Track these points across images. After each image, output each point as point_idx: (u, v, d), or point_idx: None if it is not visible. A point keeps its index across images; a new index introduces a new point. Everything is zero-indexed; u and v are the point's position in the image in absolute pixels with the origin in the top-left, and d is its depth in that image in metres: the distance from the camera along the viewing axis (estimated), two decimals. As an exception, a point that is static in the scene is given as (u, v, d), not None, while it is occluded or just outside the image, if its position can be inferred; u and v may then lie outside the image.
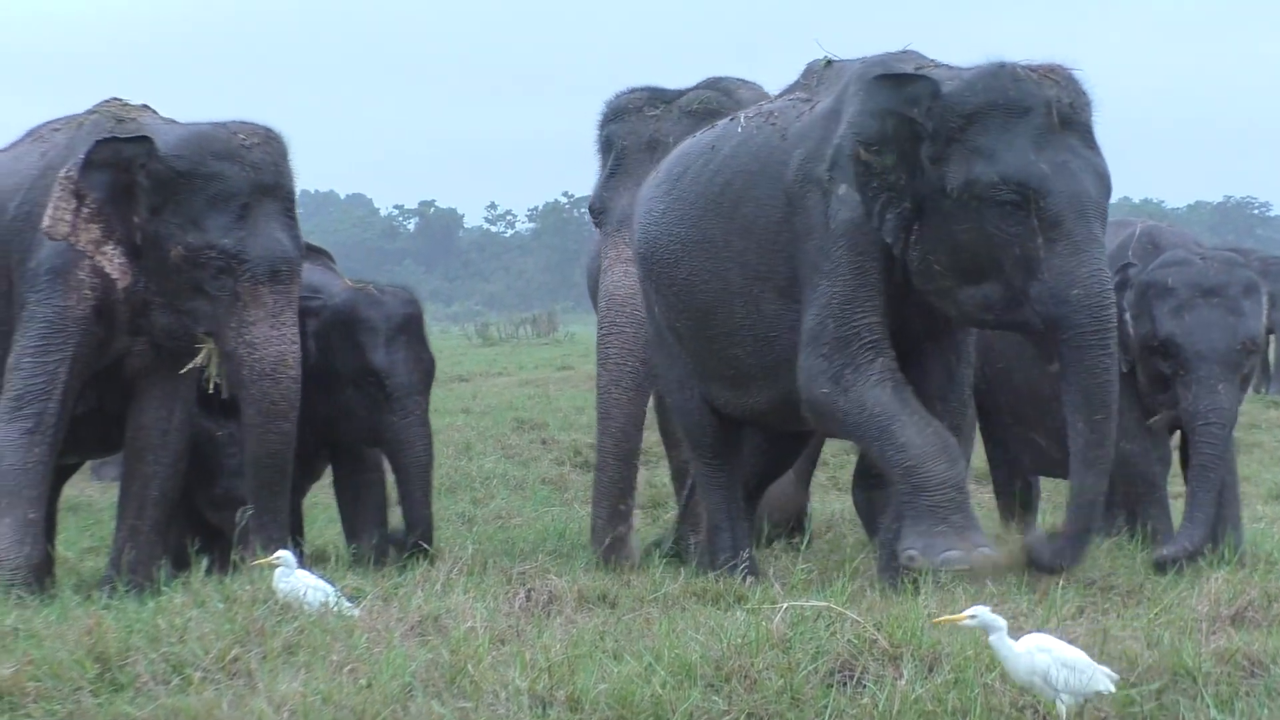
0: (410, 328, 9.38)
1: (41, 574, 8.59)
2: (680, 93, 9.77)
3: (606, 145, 9.82)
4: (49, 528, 9.72)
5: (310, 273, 9.69)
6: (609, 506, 9.20)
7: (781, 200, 8.00)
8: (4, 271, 8.93)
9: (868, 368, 7.75)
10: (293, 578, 7.16)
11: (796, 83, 8.57)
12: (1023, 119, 7.54)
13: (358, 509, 9.66)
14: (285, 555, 7.32)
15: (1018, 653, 5.53)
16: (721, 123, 8.62)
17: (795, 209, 7.93)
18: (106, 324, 8.77)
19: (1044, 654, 5.50)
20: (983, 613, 5.60)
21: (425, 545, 8.96)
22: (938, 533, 7.50)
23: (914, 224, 7.63)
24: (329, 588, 7.17)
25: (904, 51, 8.20)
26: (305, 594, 7.04)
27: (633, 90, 9.88)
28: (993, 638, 5.57)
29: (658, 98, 9.77)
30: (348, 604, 7.08)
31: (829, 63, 8.38)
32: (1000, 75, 7.61)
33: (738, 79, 10.06)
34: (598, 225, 9.75)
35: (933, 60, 8.08)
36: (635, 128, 9.69)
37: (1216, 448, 8.43)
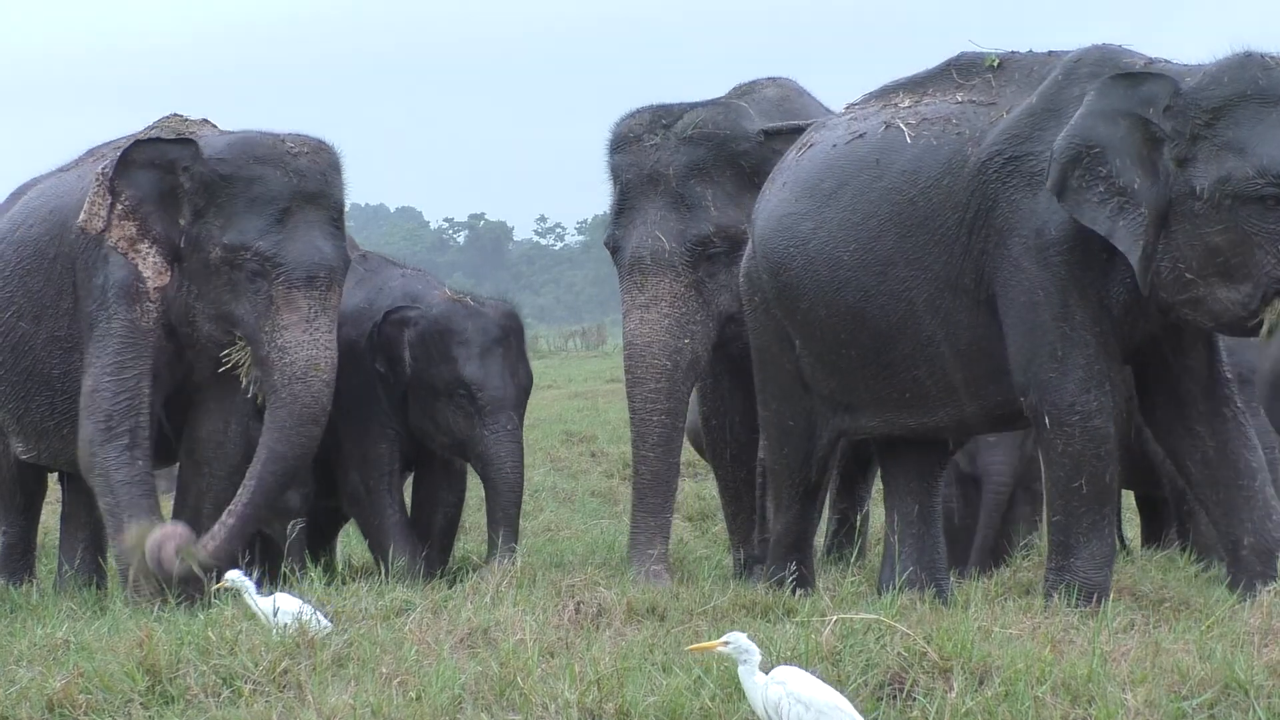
0: (507, 342, 9.38)
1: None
2: (678, 114, 9.29)
3: (613, 176, 9.42)
4: (99, 540, 9.80)
5: (410, 281, 9.74)
6: (644, 557, 8.94)
7: (975, 201, 7.53)
8: (68, 288, 9.01)
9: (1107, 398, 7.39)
10: (270, 600, 7.02)
11: (925, 80, 8.03)
12: (1275, 109, 7.09)
13: (427, 527, 9.67)
14: (235, 575, 7.26)
15: (755, 684, 5.43)
16: (870, 130, 7.98)
17: (994, 206, 7.49)
18: (175, 336, 8.84)
19: (778, 687, 5.38)
20: (737, 640, 5.50)
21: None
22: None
23: (1159, 233, 7.16)
24: (300, 604, 7.01)
25: (1115, 46, 7.70)
26: (278, 613, 6.89)
27: (636, 114, 9.42)
28: (741, 668, 5.48)
29: (659, 121, 9.29)
30: (322, 620, 6.92)
31: (998, 62, 7.87)
32: (1249, 65, 7.14)
33: (766, 78, 9.82)
34: (614, 263, 9.38)
35: (1144, 55, 7.63)
36: (636, 159, 9.25)
37: None
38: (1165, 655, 6.09)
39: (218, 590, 7.45)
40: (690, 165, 9.07)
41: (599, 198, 9.51)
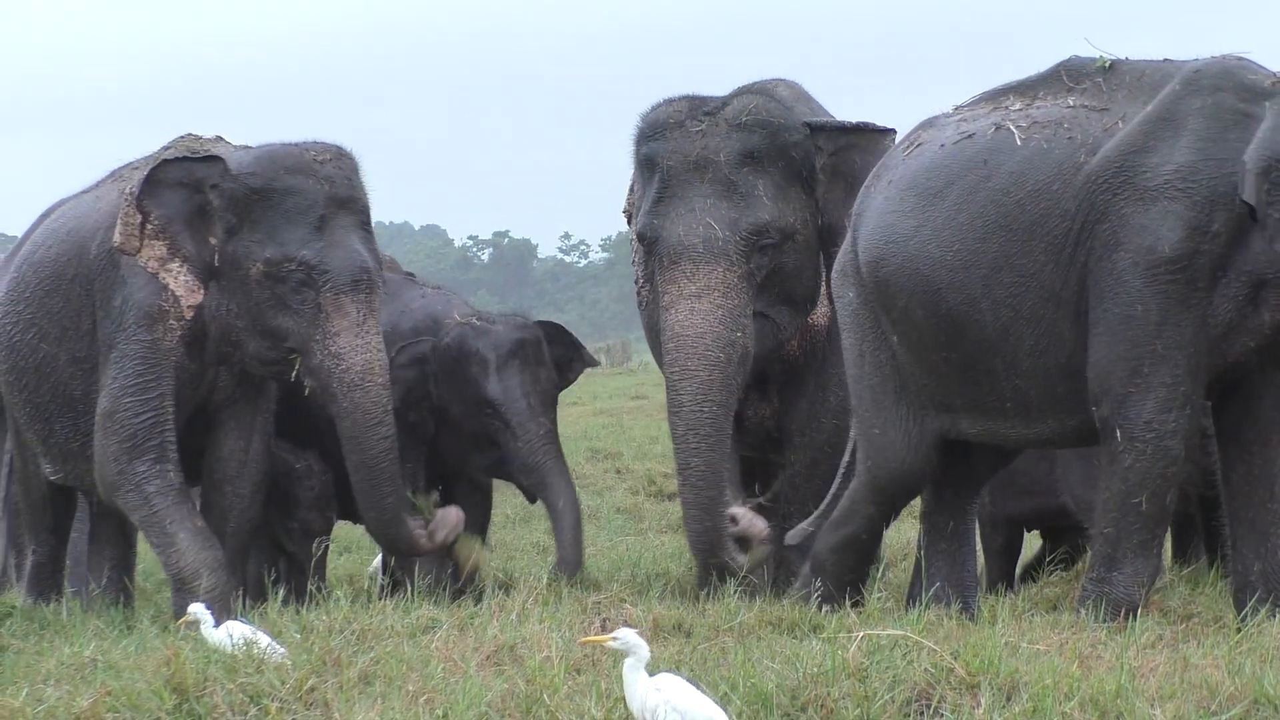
0: (522, 352, 9.32)
1: (229, 571, 8.72)
2: (722, 102, 9.01)
3: (648, 165, 9.01)
4: (127, 561, 9.82)
5: (431, 303, 9.73)
6: (706, 561, 8.77)
7: (1083, 210, 7.37)
8: (88, 309, 9.01)
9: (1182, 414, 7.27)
10: (220, 631, 6.98)
11: (1036, 83, 7.87)
12: None
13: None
14: (198, 609, 7.22)
15: (636, 685, 5.44)
16: (979, 131, 7.83)
17: (1102, 218, 7.33)
18: (197, 356, 8.85)
19: (657, 694, 5.38)
20: (626, 636, 5.53)
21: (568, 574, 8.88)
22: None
23: None
24: (256, 636, 6.92)
25: (1237, 59, 7.50)
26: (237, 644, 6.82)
27: (671, 101, 9.09)
28: (626, 662, 5.50)
29: (699, 108, 8.98)
30: (278, 649, 6.82)
31: (1110, 65, 7.70)
32: None
33: (775, 78, 9.55)
34: (649, 253, 9.05)
35: (1268, 70, 7.46)
36: (680, 146, 8.90)
37: None
38: (1194, 671, 6.08)
39: (181, 625, 7.36)
40: (744, 152, 8.83)
41: (623, 215, 9.33)
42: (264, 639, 6.85)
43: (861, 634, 6.35)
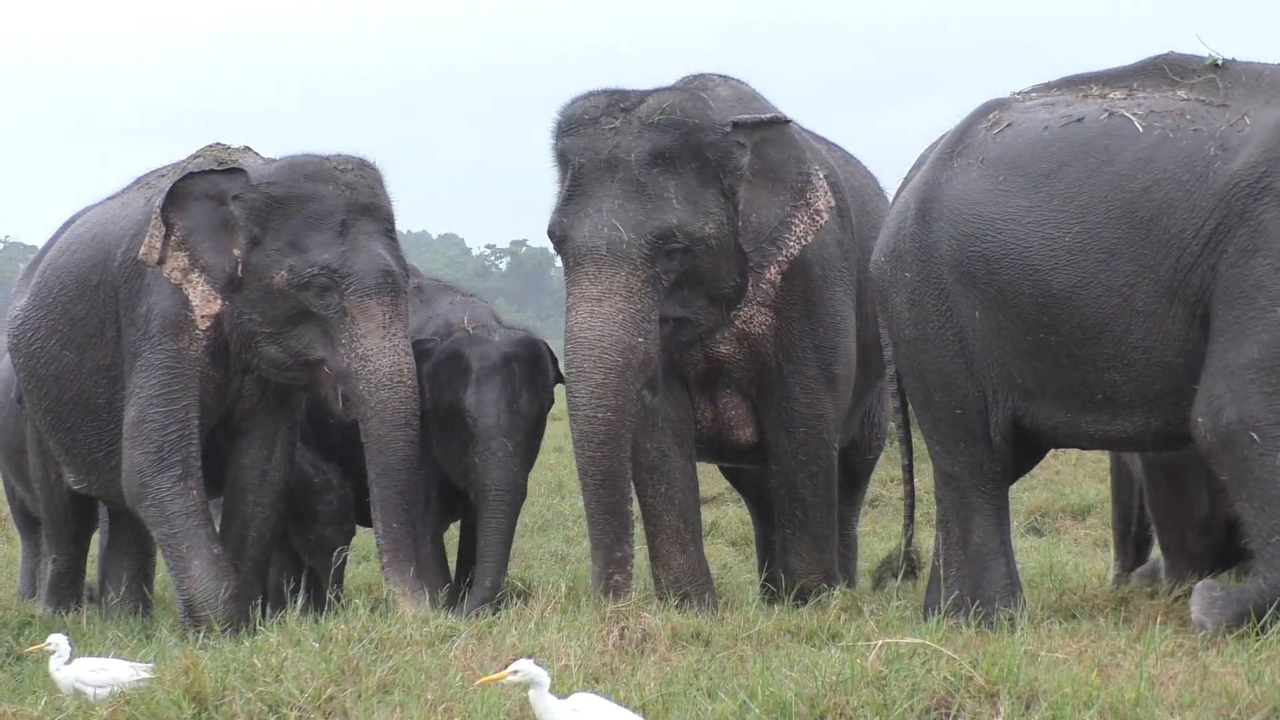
0: (507, 369, 9.16)
1: (244, 604, 8.66)
2: (640, 98, 8.67)
3: (561, 161, 8.76)
4: (145, 569, 9.85)
5: (455, 309, 9.65)
6: (603, 559, 8.60)
7: (1218, 214, 7.20)
8: (112, 317, 9.02)
9: None
10: (69, 668, 6.78)
11: (1126, 74, 7.76)
12: None
13: (473, 553, 9.65)
14: (58, 639, 6.93)
15: (550, 708, 5.43)
16: (1088, 115, 7.66)
17: (1239, 223, 7.16)
18: (221, 365, 8.85)
19: (574, 714, 5.37)
20: (525, 667, 5.51)
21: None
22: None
23: None
24: (116, 670, 6.76)
25: None
26: (90, 688, 6.64)
27: (590, 95, 8.76)
28: (531, 692, 5.47)
29: (616, 104, 8.64)
30: (143, 671, 6.74)
31: (1217, 63, 7.57)
32: None
33: (718, 75, 9.31)
34: (558, 251, 8.71)
35: None
36: (592, 143, 8.59)
37: None
38: (1213, 679, 6.06)
39: (38, 653, 7.21)
40: (654, 153, 8.51)
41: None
42: (121, 668, 6.74)
43: (880, 642, 6.35)
